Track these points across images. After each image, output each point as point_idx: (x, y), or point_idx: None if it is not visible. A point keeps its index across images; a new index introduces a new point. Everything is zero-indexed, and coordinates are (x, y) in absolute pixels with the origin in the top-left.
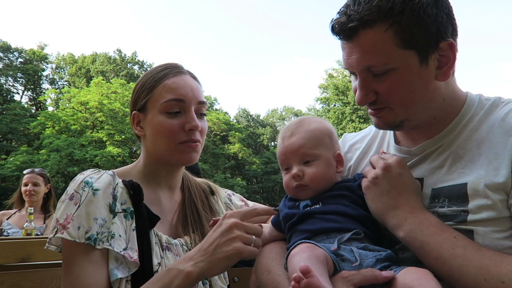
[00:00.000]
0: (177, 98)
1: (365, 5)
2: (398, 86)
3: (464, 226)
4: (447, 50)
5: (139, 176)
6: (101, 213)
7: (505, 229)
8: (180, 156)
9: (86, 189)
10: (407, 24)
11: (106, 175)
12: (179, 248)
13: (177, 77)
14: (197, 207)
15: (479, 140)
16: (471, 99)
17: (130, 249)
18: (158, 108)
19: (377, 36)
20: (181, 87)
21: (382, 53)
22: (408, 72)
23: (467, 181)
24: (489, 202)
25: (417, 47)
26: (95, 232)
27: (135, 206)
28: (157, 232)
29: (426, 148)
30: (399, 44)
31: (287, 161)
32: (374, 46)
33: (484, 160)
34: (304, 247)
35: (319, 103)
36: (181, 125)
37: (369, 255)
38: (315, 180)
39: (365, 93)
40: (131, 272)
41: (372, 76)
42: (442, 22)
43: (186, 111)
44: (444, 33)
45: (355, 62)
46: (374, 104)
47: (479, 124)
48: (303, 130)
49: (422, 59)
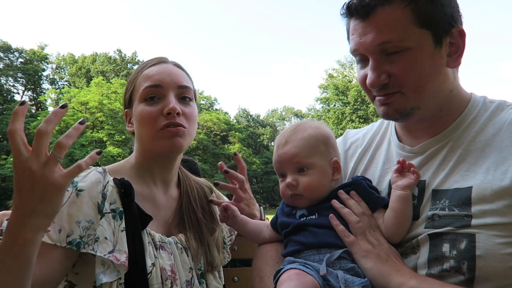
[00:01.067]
0: (153, 84)
1: None
2: (412, 67)
3: (467, 230)
4: (457, 37)
5: (132, 171)
6: (87, 214)
7: (510, 235)
8: (163, 143)
9: (70, 189)
10: (424, 3)
11: (94, 173)
12: (173, 246)
13: (155, 66)
14: (193, 203)
15: (484, 143)
16: (475, 100)
17: (118, 251)
18: (138, 98)
19: (395, 13)
20: (158, 73)
21: (400, 30)
22: (422, 53)
23: (472, 185)
24: (493, 207)
25: (433, 28)
26: (78, 236)
27: (125, 206)
28: (149, 232)
29: (429, 147)
30: (416, 22)
31: (281, 169)
32: (392, 23)
33: (491, 164)
34: (293, 274)
35: (319, 103)
36: (160, 111)
37: (355, 282)
38: (309, 190)
39: (378, 74)
40: (120, 275)
41: (386, 57)
42: (455, 7)
43: (164, 96)
44: (457, 19)
45: (370, 39)
46: (386, 88)
47: (484, 126)
48: (297, 138)
49: (436, 41)
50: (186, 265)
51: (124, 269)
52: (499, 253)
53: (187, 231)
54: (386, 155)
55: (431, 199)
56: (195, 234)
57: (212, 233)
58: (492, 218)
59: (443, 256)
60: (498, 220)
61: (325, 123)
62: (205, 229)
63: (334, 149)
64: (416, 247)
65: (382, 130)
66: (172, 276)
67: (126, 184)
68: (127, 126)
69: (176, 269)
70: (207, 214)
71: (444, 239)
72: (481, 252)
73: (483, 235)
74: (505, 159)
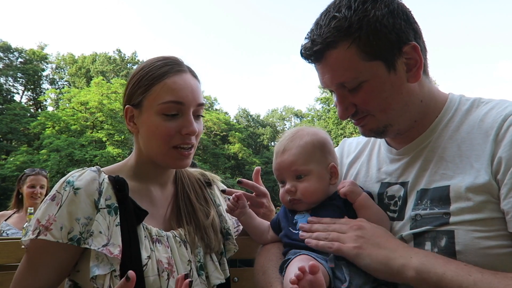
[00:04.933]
0: (177, 101)
1: (325, 28)
2: (372, 96)
3: (446, 228)
4: (412, 53)
5: (129, 174)
6: (85, 211)
7: (489, 230)
8: (172, 162)
9: (67, 189)
10: (366, 38)
11: (89, 172)
12: (171, 240)
13: (177, 76)
14: (190, 198)
15: (459, 141)
16: (451, 100)
17: (112, 245)
18: (155, 108)
19: (341, 54)
20: (181, 89)
21: (350, 69)
22: (378, 81)
23: (450, 184)
24: (470, 204)
25: (382, 57)
26: (78, 233)
27: (120, 201)
28: (146, 226)
29: (412, 149)
30: (364, 57)
31: (281, 176)
32: (341, 64)
33: (466, 162)
34: (304, 258)
35: (319, 103)
36: (178, 129)
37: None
38: (307, 195)
39: (345, 107)
40: (113, 268)
41: (347, 91)
42: (401, 28)
43: (184, 114)
44: (406, 38)
45: (329, 81)
46: (356, 115)
47: (460, 124)
48: (295, 145)
49: (389, 67)
50: (184, 258)
51: (117, 262)
52: (478, 247)
53: (187, 226)
54: (378, 158)
55: (414, 200)
56: (194, 228)
57: (207, 216)
58: (469, 215)
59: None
60: (475, 216)
61: (325, 124)
62: (200, 213)
63: (331, 154)
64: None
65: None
66: (168, 269)
67: (120, 180)
68: (128, 124)
69: (174, 262)
70: (201, 198)
71: (426, 237)
72: (460, 248)
73: (461, 231)
74: (479, 156)
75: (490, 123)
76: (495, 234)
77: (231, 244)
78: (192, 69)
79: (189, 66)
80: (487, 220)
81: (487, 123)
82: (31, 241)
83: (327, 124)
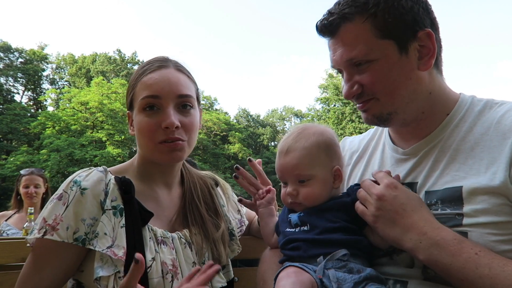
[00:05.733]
0: (151, 95)
1: (344, 2)
2: (380, 76)
3: (458, 229)
4: (426, 40)
5: (134, 174)
6: (91, 212)
7: (505, 233)
8: (161, 156)
9: (74, 189)
10: (382, 15)
11: (96, 172)
12: (177, 241)
13: (155, 72)
14: (196, 201)
15: (473, 142)
16: (463, 99)
17: (116, 246)
18: (137, 106)
19: (356, 29)
20: (156, 83)
21: (362, 44)
22: (388, 61)
23: (462, 185)
24: (485, 206)
25: (395, 37)
26: (83, 233)
27: (126, 203)
28: (151, 227)
29: (420, 148)
30: (377, 34)
31: (283, 178)
32: (354, 39)
33: (479, 163)
34: (291, 272)
35: (319, 103)
36: (158, 123)
37: (347, 279)
38: (309, 200)
39: (351, 86)
40: (117, 269)
41: (356, 69)
42: (418, 13)
43: (162, 107)
44: (421, 23)
45: (339, 56)
46: (361, 97)
47: (473, 125)
48: (299, 147)
49: (401, 48)
50: (189, 259)
51: (121, 264)
52: (494, 250)
53: (191, 226)
54: (381, 158)
55: (424, 201)
56: (200, 230)
57: (217, 229)
58: (484, 217)
59: None
60: (491, 219)
61: (325, 124)
62: (210, 225)
63: (336, 156)
64: None
65: (377, 135)
66: (173, 270)
67: (126, 182)
68: (129, 128)
69: (178, 264)
70: (211, 210)
71: None
72: None
73: (476, 233)
74: (495, 159)
75: (508, 125)
76: (510, 238)
77: (234, 244)
78: (179, 63)
79: (177, 61)
80: (503, 223)
81: (505, 125)
82: (36, 240)
83: (327, 124)
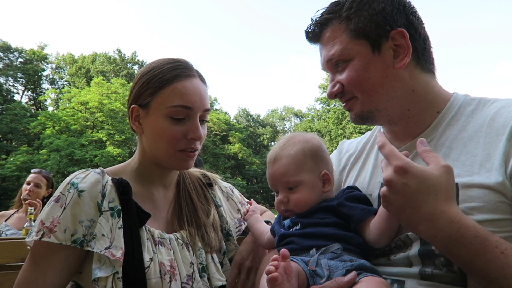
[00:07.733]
0: (186, 105)
1: (323, 10)
2: (356, 74)
3: None
4: (400, 39)
5: (132, 175)
6: (88, 214)
7: (502, 231)
8: (176, 163)
9: (72, 191)
10: (354, 18)
11: (93, 174)
12: (174, 242)
13: (187, 81)
14: (192, 198)
15: (466, 139)
16: (455, 98)
17: (114, 247)
18: (163, 111)
19: (333, 32)
20: (191, 94)
21: (338, 45)
22: (362, 60)
23: (457, 182)
24: (481, 204)
25: (367, 37)
26: (81, 235)
27: (123, 204)
28: (149, 228)
29: (413, 147)
30: (351, 35)
31: (274, 186)
32: (332, 41)
33: (473, 160)
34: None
35: (319, 103)
36: (184, 133)
37: (339, 267)
38: (300, 206)
39: (333, 85)
40: (115, 270)
41: (336, 69)
42: (390, 13)
43: (192, 118)
44: (393, 23)
45: (323, 60)
46: (343, 96)
47: (466, 123)
48: (285, 155)
49: (374, 48)
50: (187, 260)
51: (119, 265)
52: None
53: (188, 227)
54: (376, 158)
55: None
56: (195, 229)
57: (208, 215)
58: (481, 215)
59: (433, 253)
60: (487, 217)
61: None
62: (200, 212)
63: (323, 161)
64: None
65: (374, 136)
66: (171, 271)
67: (123, 183)
68: (132, 123)
69: (176, 264)
70: (202, 197)
71: None
72: None
73: None
74: (489, 156)
75: (502, 122)
76: (508, 235)
77: (232, 245)
78: (200, 73)
79: (198, 70)
80: (500, 221)
81: (499, 122)
82: (34, 242)
83: (327, 124)
